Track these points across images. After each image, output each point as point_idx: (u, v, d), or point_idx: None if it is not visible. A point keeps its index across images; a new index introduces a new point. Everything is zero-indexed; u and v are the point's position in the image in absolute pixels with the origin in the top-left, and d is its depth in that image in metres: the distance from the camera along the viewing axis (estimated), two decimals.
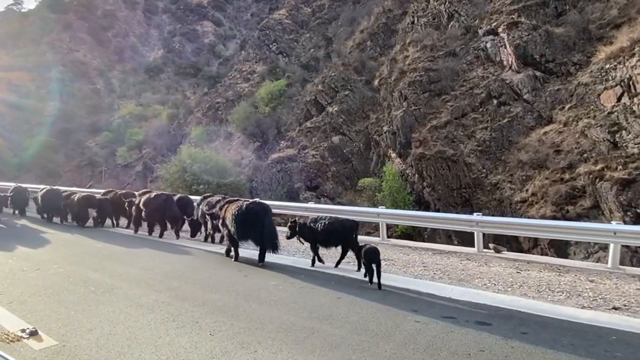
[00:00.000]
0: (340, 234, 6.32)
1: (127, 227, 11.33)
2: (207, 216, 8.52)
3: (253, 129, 27.53)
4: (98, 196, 11.25)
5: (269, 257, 7.24)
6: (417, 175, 15.65)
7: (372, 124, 20.12)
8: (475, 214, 8.70)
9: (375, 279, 5.68)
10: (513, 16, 16.48)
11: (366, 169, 20.25)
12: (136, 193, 11.68)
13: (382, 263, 5.92)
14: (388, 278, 6.03)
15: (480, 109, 15.81)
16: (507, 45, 16.14)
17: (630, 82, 11.84)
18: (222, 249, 8.15)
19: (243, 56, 50.05)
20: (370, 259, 5.70)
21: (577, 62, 14.88)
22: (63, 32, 78.47)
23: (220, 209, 7.43)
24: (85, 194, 11.62)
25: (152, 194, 9.98)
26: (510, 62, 16.07)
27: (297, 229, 6.77)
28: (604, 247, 10.82)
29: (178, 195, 11.88)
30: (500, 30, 16.69)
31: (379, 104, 20.70)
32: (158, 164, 48.39)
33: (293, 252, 8.27)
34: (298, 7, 50.98)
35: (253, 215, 6.81)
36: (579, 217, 11.35)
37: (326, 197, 19.16)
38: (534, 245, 12.35)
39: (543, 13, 16.52)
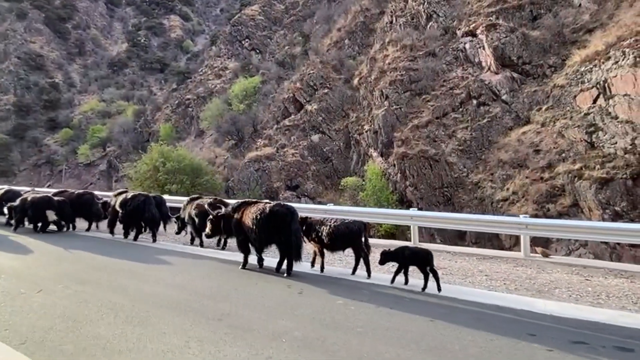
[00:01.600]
0: (348, 237, 5.91)
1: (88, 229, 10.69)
2: (196, 219, 7.95)
3: (228, 127, 26.74)
4: (57, 198, 10.30)
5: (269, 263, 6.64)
6: (399, 174, 15.64)
7: (352, 122, 19.99)
8: (521, 216, 8.23)
9: (427, 287, 5.22)
10: (491, 18, 16.81)
11: (346, 168, 20.10)
12: (110, 193, 10.94)
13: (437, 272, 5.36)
14: (458, 291, 5.28)
15: (461, 109, 16.02)
16: (486, 47, 16.43)
17: (606, 85, 12.29)
18: (230, 256, 7.42)
19: (214, 52, 48.77)
20: (423, 262, 5.25)
21: (552, 64, 15.35)
22: (17, 21, 73.44)
23: (235, 211, 6.56)
24: (42, 194, 10.55)
25: (129, 194, 9.29)
26: (488, 64, 16.38)
27: (305, 228, 6.18)
28: (584, 244, 11.19)
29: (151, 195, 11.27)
30: (478, 32, 16.97)
31: (359, 102, 20.60)
32: (124, 162, 46.42)
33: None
34: (271, 4, 50.25)
35: (279, 218, 5.98)
36: (559, 215, 11.66)
37: (307, 196, 18.85)
38: (515, 243, 12.59)
39: (519, 16, 16.95)
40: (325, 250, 6.23)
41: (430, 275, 5.29)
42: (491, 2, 17.38)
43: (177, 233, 9.08)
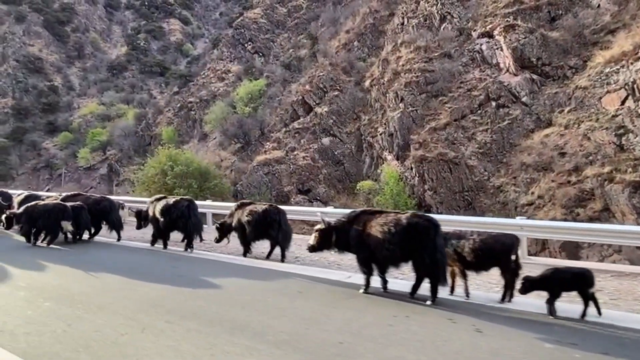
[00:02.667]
0: (497, 254, 4.86)
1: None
2: (248, 226, 7.38)
3: (234, 130, 26.28)
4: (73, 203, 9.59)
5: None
6: (417, 178, 15.24)
7: (365, 125, 19.61)
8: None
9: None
10: (508, 19, 16.51)
11: (359, 171, 19.69)
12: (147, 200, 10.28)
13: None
14: (622, 317, 4.38)
15: (479, 111, 15.67)
16: (504, 48, 16.13)
17: (635, 86, 11.96)
18: (304, 270, 6.45)
19: (216, 55, 48.37)
20: (586, 285, 4.40)
21: (573, 65, 15.05)
22: (16, 24, 72.83)
23: (353, 222, 5.42)
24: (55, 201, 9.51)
25: (170, 200, 8.62)
26: (507, 65, 16.06)
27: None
28: (618, 250, 10.79)
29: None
30: (495, 32, 16.67)
31: (371, 105, 20.23)
32: (125, 166, 45.86)
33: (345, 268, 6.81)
34: (273, 7, 50.00)
35: (421, 232, 4.94)
36: (590, 220, 11.26)
37: (319, 200, 18.40)
38: (541, 248, 12.19)
39: (537, 17, 16.67)
40: (466, 271, 5.16)
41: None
42: (508, 3, 17.10)
43: (217, 241, 8.23)
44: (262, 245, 7.94)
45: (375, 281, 5.46)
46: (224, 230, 8.03)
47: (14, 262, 7.30)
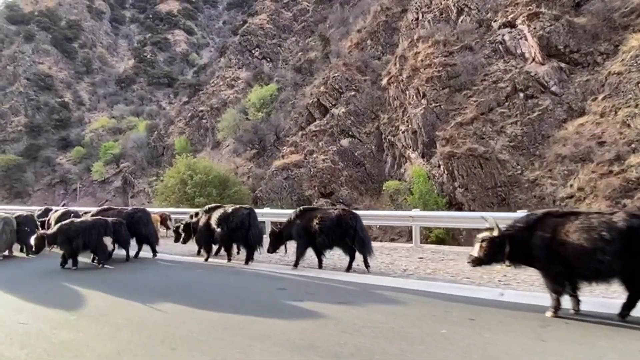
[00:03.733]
0: None
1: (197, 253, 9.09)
2: (320, 235, 6.79)
3: (249, 136, 26.02)
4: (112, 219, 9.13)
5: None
6: (446, 175, 14.73)
7: (385, 124, 19.15)
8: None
9: None
10: (531, 7, 15.97)
11: (380, 172, 19.24)
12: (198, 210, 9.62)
13: None
14: None
15: (507, 103, 15.12)
16: (529, 37, 15.58)
17: None
18: (406, 284, 5.75)
19: (224, 62, 48.38)
20: None
21: (604, 51, 14.46)
22: (25, 43, 73.97)
23: (533, 227, 4.43)
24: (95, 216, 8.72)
25: (228, 208, 8.01)
26: (533, 54, 15.51)
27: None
28: None
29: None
30: (518, 22, 16.14)
31: (389, 103, 19.77)
32: (139, 178, 45.93)
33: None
34: (279, 12, 49.99)
35: None
36: None
37: (342, 203, 17.95)
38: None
39: (560, 3, 16.11)
40: None
41: None
42: None
43: (272, 252, 7.68)
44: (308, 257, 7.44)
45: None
46: (282, 239, 7.57)
47: (71, 292, 5.97)
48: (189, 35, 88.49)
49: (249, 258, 7.82)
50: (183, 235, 8.78)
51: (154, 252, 8.88)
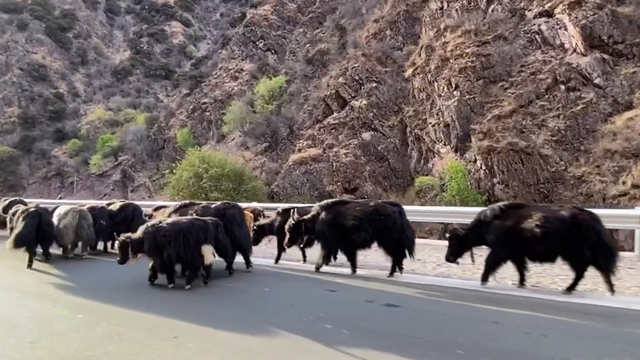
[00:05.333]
0: None
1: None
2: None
3: (262, 129, 25.04)
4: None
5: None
6: (484, 171, 13.96)
7: (410, 117, 18.33)
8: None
9: None
10: None
11: (405, 167, 18.44)
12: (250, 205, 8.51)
13: None
14: None
15: (547, 96, 14.38)
16: (570, 27, 14.83)
17: None
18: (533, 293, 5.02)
19: (226, 54, 47.16)
20: None
21: None
22: (18, 32, 71.88)
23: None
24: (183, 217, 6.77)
25: (370, 204, 6.57)
26: (574, 45, 14.76)
27: None
28: None
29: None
30: (557, 11, 15.38)
31: (414, 95, 18.95)
32: (139, 171, 44.69)
33: None
34: (283, 3, 48.81)
35: None
36: None
37: (367, 199, 17.13)
38: None
39: None
40: None
41: None
42: None
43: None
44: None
45: None
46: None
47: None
48: (185, 27, 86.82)
49: (397, 267, 6.17)
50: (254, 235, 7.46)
51: (248, 262, 6.90)
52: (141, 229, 5.75)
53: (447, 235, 5.99)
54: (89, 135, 55.87)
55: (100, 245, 8.92)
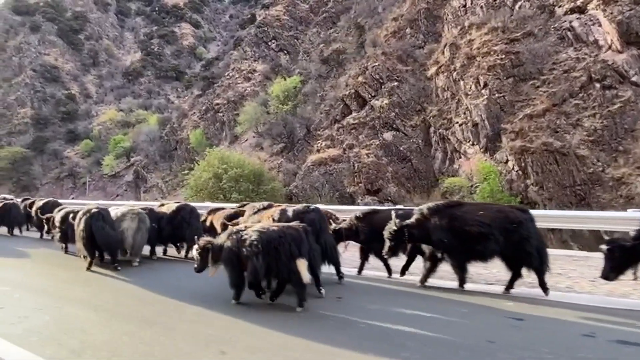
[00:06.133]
0: None
1: None
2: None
3: (279, 129, 24.71)
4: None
5: None
6: (517, 172, 13.47)
7: (434, 116, 17.88)
8: None
9: None
10: None
11: (428, 167, 17.98)
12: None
13: None
14: None
15: (582, 94, 13.86)
16: (606, 23, 14.29)
17: None
18: None
19: (239, 55, 47.02)
20: None
21: None
22: (30, 34, 72.63)
23: None
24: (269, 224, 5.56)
25: (502, 209, 5.67)
26: (609, 42, 14.23)
27: None
28: None
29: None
30: (590, 7, 14.86)
31: (437, 94, 18.50)
32: (151, 172, 44.66)
33: None
34: (295, 4, 48.63)
35: None
36: None
37: (390, 201, 16.72)
38: None
39: None
40: None
41: None
42: None
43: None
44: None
45: None
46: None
47: None
48: (195, 28, 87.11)
49: (544, 287, 5.11)
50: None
51: (339, 272, 5.90)
52: (225, 235, 4.88)
53: (606, 246, 4.88)
54: (100, 136, 56.10)
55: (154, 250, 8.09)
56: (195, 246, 4.88)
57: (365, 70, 21.31)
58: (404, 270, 6.11)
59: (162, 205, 8.46)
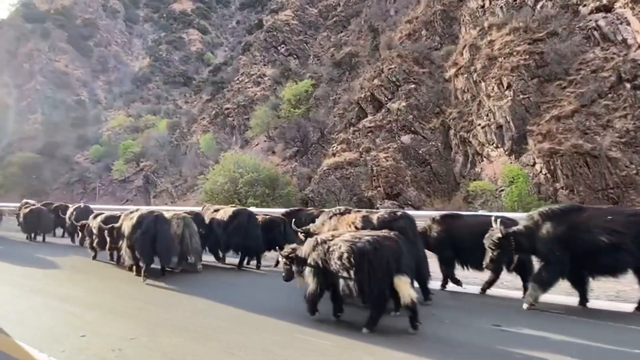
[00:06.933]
0: None
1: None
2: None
3: (293, 133, 24.45)
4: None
5: None
6: (545, 175, 13.03)
7: (454, 119, 17.49)
8: None
9: None
10: None
11: (448, 171, 17.57)
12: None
13: None
14: None
15: (611, 95, 13.42)
16: (635, 22, 13.90)
17: None
18: None
19: (248, 60, 47.05)
20: None
21: None
22: (41, 41, 73.55)
23: None
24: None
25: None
26: (639, 41, 13.78)
27: None
28: None
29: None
30: (618, 5, 14.45)
31: (456, 96, 18.13)
32: (161, 177, 44.61)
33: None
34: (303, 8, 48.66)
35: None
36: None
37: (410, 205, 16.31)
38: None
39: None
40: None
41: None
42: None
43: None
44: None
45: None
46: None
47: None
48: (203, 34, 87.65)
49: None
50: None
51: (427, 291, 5.11)
52: (310, 245, 4.31)
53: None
54: (110, 141, 56.30)
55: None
56: (281, 254, 4.51)
57: (381, 72, 20.99)
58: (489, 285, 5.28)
59: (217, 210, 7.83)
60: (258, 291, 5.56)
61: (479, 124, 15.87)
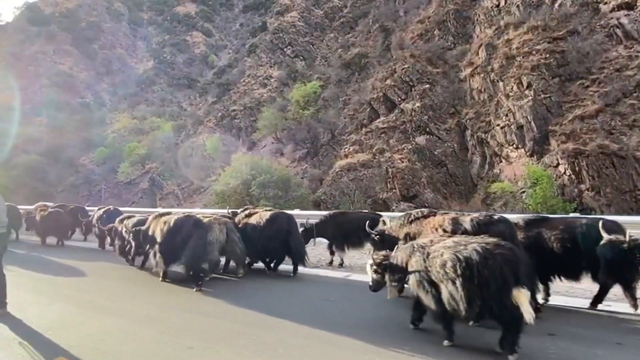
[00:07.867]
0: None
1: None
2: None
3: (304, 135, 24.16)
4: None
5: None
6: (570, 176, 12.67)
7: (471, 119, 17.16)
8: None
9: None
10: None
11: (465, 172, 17.23)
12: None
13: None
14: None
15: (637, 94, 13.07)
16: None
17: None
18: None
19: (254, 61, 46.89)
20: None
21: None
22: (46, 44, 73.77)
23: None
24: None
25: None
26: None
27: None
28: None
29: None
30: None
31: (472, 96, 17.80)
32: (167, 179, 44.40)
33: None
34: (309, 10, 48.49)
35: None
36: None
37: (427, 207, 15.94)
38: None
39: None
40: None
41: None
42: None
43: None
44: None
45: None
46: None
47: None
48: (207, 37, 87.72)
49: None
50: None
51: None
52: (407, 250, 3.89)
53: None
54: (115, 144, 56.22)
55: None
56: (370, 261, 4.05)
57: (394, 73, 20.70)
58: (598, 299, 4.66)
59: (252, 214, 7.39)
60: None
61: (498, 124, 15.54)
